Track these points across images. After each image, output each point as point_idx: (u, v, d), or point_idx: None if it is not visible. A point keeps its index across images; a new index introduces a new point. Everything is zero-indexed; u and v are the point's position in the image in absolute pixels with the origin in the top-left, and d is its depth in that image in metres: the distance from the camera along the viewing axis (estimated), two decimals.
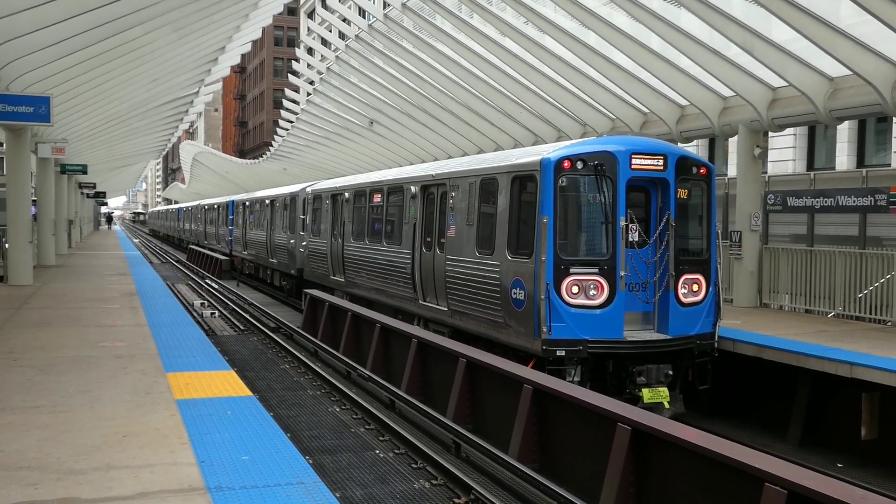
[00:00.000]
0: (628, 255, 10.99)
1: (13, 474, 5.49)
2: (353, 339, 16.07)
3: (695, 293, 11.45)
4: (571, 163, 10.99)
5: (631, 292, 11.08)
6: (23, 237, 19.08)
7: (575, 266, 10.94)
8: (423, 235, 14.95)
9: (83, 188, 44.87)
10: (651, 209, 11.43)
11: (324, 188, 22.11)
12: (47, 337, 11.36)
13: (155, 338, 11.33)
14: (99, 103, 22.37)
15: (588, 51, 17.61)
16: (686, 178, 11.49)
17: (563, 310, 10.85)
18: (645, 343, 11.05)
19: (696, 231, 11.86)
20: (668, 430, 7.34)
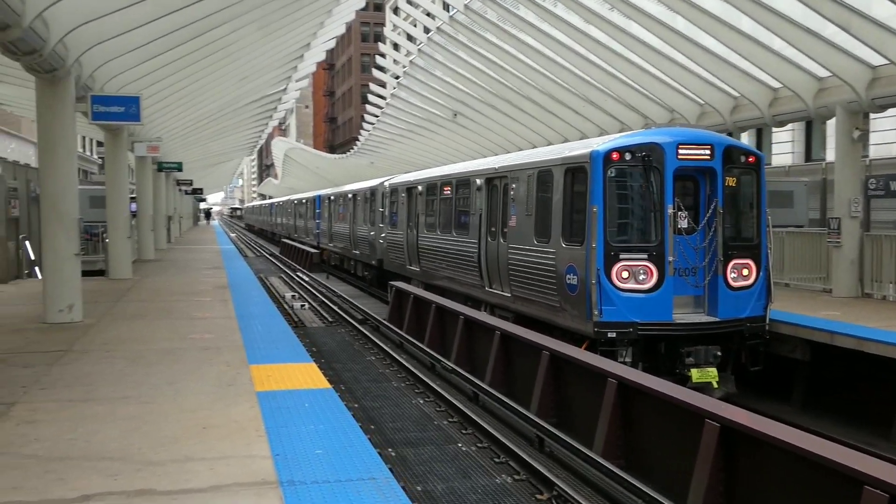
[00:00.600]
0: (677, 241, 11.51)
1: (96, 464, 5.58)
2: (438, 332, 16.02)
3: (745, 277, 11.86)
4: (620, 154, 11.54)
5: (680, 277, 11.60)
6: (122, 233, 19.72)
7: (624, 252, 11.50)
8: (487, 225, 15.63)
9: (180, 185, 46.29)
10: (700, 197, 11.88)
11: (400, 182, 22.89)
12: (140, 329, 11.67)
13: (242, 330, 11.48)
14: (190, 102, 22.93)
15: (676, 35, 17.06)
16: (734, 166, 11.89)
17: (614, 294, 11.41)
18: (694, 325, 11.45)
19: (745, 217, 12.25)
20: (759, 427, 6.96)
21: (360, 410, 11.59)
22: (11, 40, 10.20)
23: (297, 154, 73.83)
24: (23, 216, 19.61)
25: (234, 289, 17.21)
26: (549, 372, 10.88)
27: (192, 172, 48.82)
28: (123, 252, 19.87)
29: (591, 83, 21.33)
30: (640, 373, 9.50)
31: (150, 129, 24.04)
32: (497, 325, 13.10)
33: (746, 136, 28.61)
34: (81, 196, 21.57)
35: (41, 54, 11.18)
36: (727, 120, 18.04)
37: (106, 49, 13.32)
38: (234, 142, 41.69)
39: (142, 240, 26.27)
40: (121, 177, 20.13)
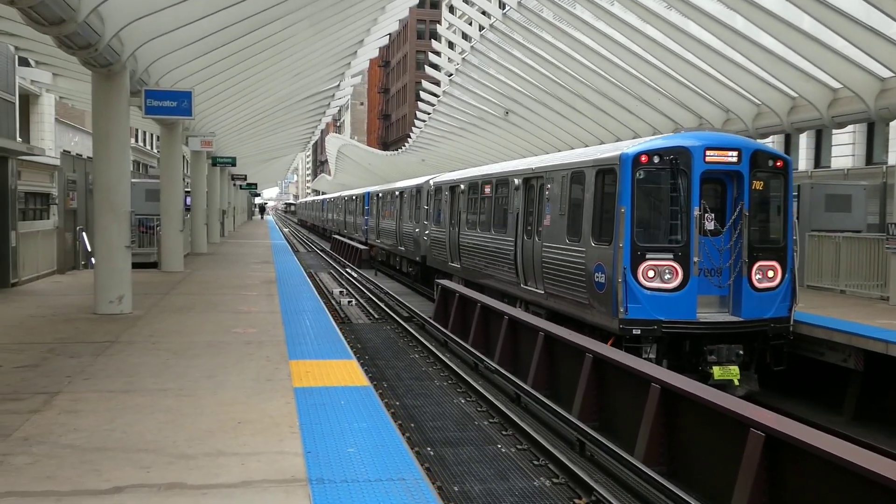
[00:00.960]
0: (703, 242, 11.85)
1: (130, 456, 5.62)
2: (482, 331, 15.94)
3: (770, 279, 12.12)
4: (648, 157, 11.88)
5: (705, 277, 11.94)
6: (175, 226, 20.06)
7: (651, 252, 11.84)
8: (524, 224, 16.10)
9: (235, 180, 46.95)
10: (727, 200, 12.17)
11: (443, 181, 23.32)
12: (186, 322, 11.80)
13: (285, 325, 11.54)
14: (244, 98, 23.20)
15: (733, 34, 16.67)
16: (761, 170, 12.12)
17: (639, 292, 11.77)
18: (716, 324, 11.77)
19: (772, 221, 12.48)
20: (806, 437, 6.72)
21: (401, 408, 11.57)
22: (67, 34, 10.40)
23: (350, 150, 74.40)
24: (81, 208, 20.05)
25: (281, 283, 17.35)
26: (593, 375, 10.73)
27: (246, 167, 49.50)
28: (176, 245, 20.21)
29: (645, 82, 20.99)
30: (685, 378, 9.28)
31: (205, 123, 24.39)
32: (541, 325, 12.97)
33: (805, 137, 27.98)
34: (136, 189, 22.13)
35: (96, 49, 11.38)
36: (784, 121, 17.59)
37: (160, 44, 13.52)
38: (289, 137, 42.12)
39: (195, 233, 26.70)
40: (175, 170, 20.47)
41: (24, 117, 36.01)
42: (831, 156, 27.98)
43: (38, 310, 12.93)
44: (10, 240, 15.98)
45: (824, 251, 16.35)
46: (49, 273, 18.47)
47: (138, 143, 56.48)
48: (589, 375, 10.73)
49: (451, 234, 21.59)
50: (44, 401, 7.13)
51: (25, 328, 11.14)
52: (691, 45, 18.00)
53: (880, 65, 14.58)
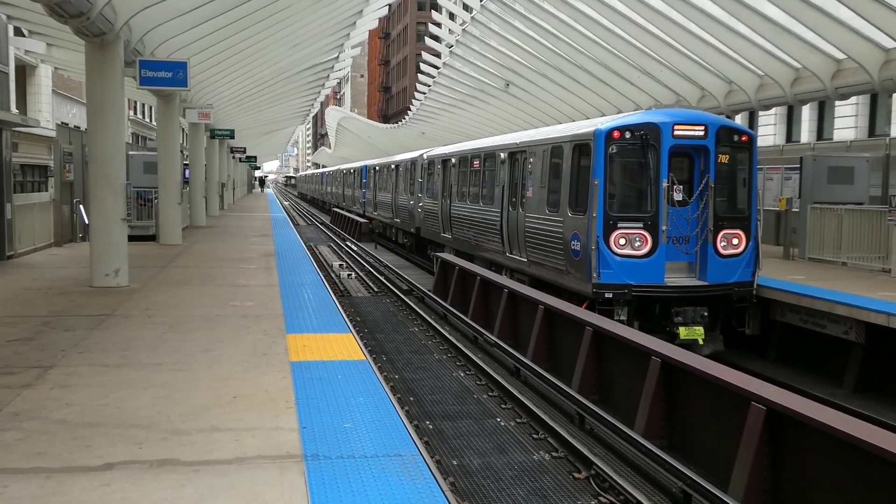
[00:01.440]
0: (672, 212, 12.62)
1: (123, 432, 5.53)
2: (482, 304, 15.85)
3: (734, 246, 12.90)
4: (620, 133, 12.61)
5: (673, 245, 12.72)
6: (173, 199, 19.90)
7: (622, 221, 12.63)
8: (509, 196, 16.84)
9: (234, 152, 46.67)
10: (694, 172, 12.88)
11: (436, 154, 24.14)
12: (183, 295, 11.70)
13: (283, 298, 11.43)
14: (243, 69, 22.93)
15: (737, 4, 16.42)
16: (726, 144, 12.83)
17: (611, 259, 12.60)
18: (683, 288, 12.63)
19: (737, 192, 13.19)
20: (806, 411, 6.62)
21: (401, 382, 11.49)
22: (58, 2, 10.18)
23: (350, 123, 73.96)
24: (77, 180, 19.86)
25: (280, 257, 17.24)
26: (592, 348, 10.64)
27: (246, 140, 49.18)
28: (174, 218, 20.06)
29: (647, 53, 20.73)
30: (685, 352, 9.18)
31: (202, 95, 24.13)
32: (541, 299, 12.88)
33: (807, 109, 27.75)
34: (134, 162, 21.98)
35: (88, 17, 11.16)
36: (787, 92, 17.38)
37: (155, 13, 13.28)
38: (288, 110, 41.79)
39: (194, 206, 26.53)
40: (172, 143, 20.27)
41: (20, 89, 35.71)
42: (833, 128, 27.75)
43: (33, 283, 12.83)
44: (5, 212, 15.83)
45: (826, 223, 16.23)
46: (46, 246, 18.35)
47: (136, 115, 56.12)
48: (588, 349, 10.65)
49: (442, 206, 22.39)
50: (37, 375, 7.03)
51: (20, 301, 11.04)
52: (694, 15, 17.73)
53: (885, 35, 14.36)
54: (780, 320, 13.15)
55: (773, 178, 20.07)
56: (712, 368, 8.21)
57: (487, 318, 15.41)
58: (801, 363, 13.11)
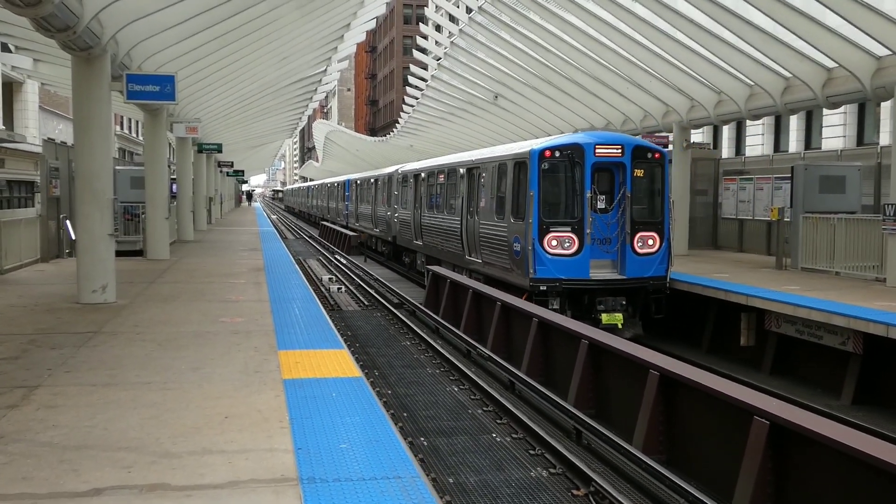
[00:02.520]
0: (596, 218, 14.77)
1: (112, 455, 5.34)
2: (475, 317, 15.70)
3: (650, 246, 14.98)
4: (551, 152, 14.78)
5: (596, 245, 14.81)
6: (160, 213, 19.68)
7: (554, 226, 14.75)
8: (467, 206, 18.96)
9: (222, 167, 46.42)
10: (615, 184, 15.01)
11: (408, 169, 26.46)
12: (172, 311, 11.49)
13: (274, 314, 11.25)
14: (230, 83, 22.77)
15: (724, 12, 16.37)
16: (641, 161, 14.98)
17: (545, 257, 14.69)
18: (604, 281, 14.77)
19: (651, 201, 15.26)
20: (810, 425, 6.49)
21: (394, 397, 11.32)
22: (44, 16, 10.01)
23: (337, 136, 73.77)
24: (64, 196, 19.62)
25: (269, 271, 17.05)
26: (588, 361, 10.51)
27: (233, 154, 48.99)
28: (161, 233, 19.84)
29: (635, 63, 20.69)
30: (685, 365, 9.06)
31: (190, 109, 23.95)
32: (535, 311, 12.74)
33: (795, 118, 27.80)
34: (122, 176, 21.74)
35: (75, 31, 10.99)
36: (777, 102, 17.35)
37: (142, 27, 13.13)
38: (275, 124, 41.61)
39: (181, 221, 26.28)
40: (159, 157, 20.07)
41: (7, 105, 35.42)
42: (822, 137, 27.82)
43: (19, 299, 12.59)
44: None
45: (819, 233, 16.18)
46: (32, 262, 18.08)
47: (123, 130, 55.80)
48: (584, 362, 10.52)
49: (414, 215, 24.60)
50: (22, 395, 6.83)
51: (5, 319, 10.81)
52: (681, 23, 17.70)
53: (877, 42, 14.33)
54: (776, 331, 13.07)
55: (763, 188, 20.04)
56: (713, 382, 8.09)
57: (480, 332, 15.26)
58: (798, 375, 13.02)
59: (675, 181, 21.27)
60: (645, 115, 22.56)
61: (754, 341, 13.72)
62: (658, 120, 21.91)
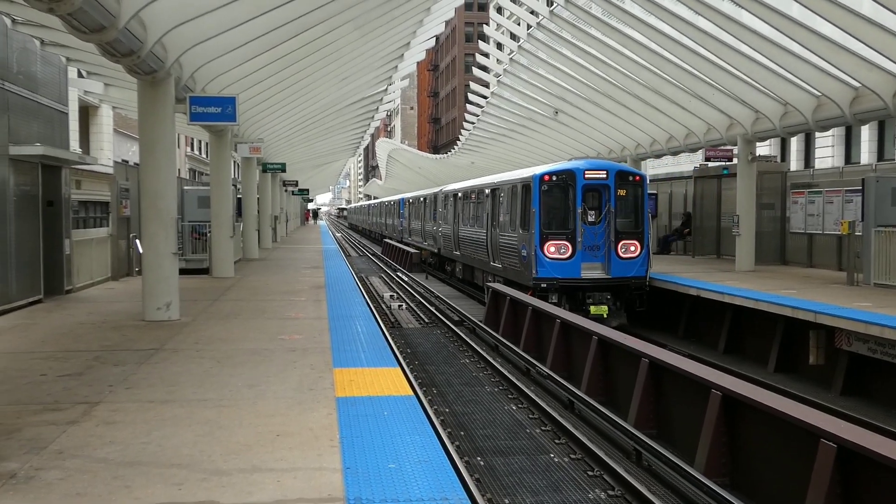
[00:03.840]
0: (587, 229, 18.16)
1: (164, 472, 5.37)
2: (534, 335, 15.55)
3: (631, 252, 18.14)
4: (550, 177, 18.44)
5: (587, 251, 18.12)
6: (225, 232, 20.02)
7: (552, 236, 18.19)
8: (491, 220, 22.59)
9: (286, 185, 47.16)
10: (602, 202, 18.37)
11: (448, 189, 30.68)
12: (232, 328, 11.63)
13: (332, 331, 11.29)
14: (292, 103, 23.09)
15: (790, 23, 15.95)
16: (624, 182, 18.43)
17: (545, 260, 18.10)
18: (593, 280, 18.08)
19: (633, 215, 18.52)
20: (883, 450, 6.16)
21: (451, 415, 11.25)
22: (109, 41, 10.29)
23: (399, 154, 74.33)
24: (134, 215, 20.13)
25: (330, 289, 17.17)
26: (649, 381, 10.27)
27: (298, 173, 49.70)
28: (226, 251, 20.17)
29: (698, 77, 20.31)
30: (748, 384, 8.76)
31: (254, 129, 24.39)
32: (595, 330, 12.53)
33: (867, 129, 26.91)
34: (189, 196, 22.25)
35: (139, 56, 11.28)
36: (846, 112, 16.80)
37: (204, 50, 13.40)
38: (338, 143, 42.11)
39: (247, 239, 26.75)
40: (224, 177, 20.45)
41: (84, 128, 36.67)
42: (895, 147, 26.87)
43: (88, 317, 12.92)
44: (64, 248, 16.07)
45: (892, 247, 15.57)
46: (103, 280, 18.58)
47: (193, 151, 57.26)
48: (645, 381, 10.28)
49: (454, 229, 28.35)
50: (83, 411, 6.95)
51: (74, 336, 11.09)
52: (746, 35, 17.31)
53: None
54: (847, 350, 12.59)
55: (833, 201, 19.38)
56: (777, 402, 7.79)
57: (540, 350, 15.09)
58: (870, 395, 12.51)
59: (741, 195, 20.88)
60: (708, 128, 22.12)
61: (824, 360, 13.24)
62: (722, 133, 21.47)
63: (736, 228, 20.71)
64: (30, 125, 15.19)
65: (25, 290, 14.37)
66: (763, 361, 14.93)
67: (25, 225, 14.52)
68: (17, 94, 14.50)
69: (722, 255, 24.36)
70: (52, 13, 8.80)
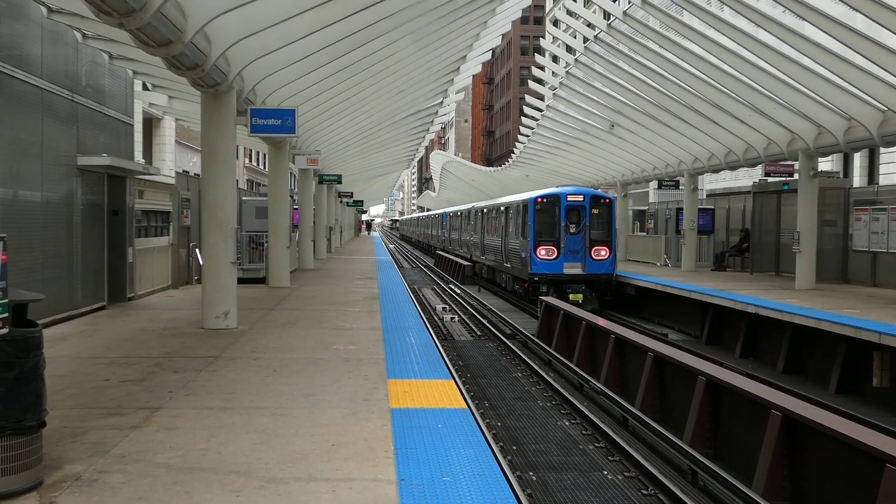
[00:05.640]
0: (569, 238, 24.48)
1: (222, 478, 5.45)
2: (588, 350, 15.42)
3: (602, 255, 24.52)
4: (542, 199, 25.08)
5: (568, 254, 24.43)
6: (282, 242, 20.32)
7: (542, 243, 24.59)
8: (504, 231, 29.27)
9: (342, 197, 47.63)
10: (580, 218, 24.60)
11: (478, 206, 38.31)
12: (288, 338, 11.77)
13: (385, 342, 11.35)
14: (349, 115, 23.36)
15: (854, 35, 15.57)
16: (596, 204, 25.01)
17: (538, 260, 24.48)
18: (572, 275, 24.25)
19: (604, 227, 24.95)
20: None
21: (503, 430, 11.22)
22: (175, 55, 10.55)
23: (453, 167, 74.50)
24: (194, 225, 20.56)
25: (383, 300, 17.27)
26: (706, 399, 10.12)
27: (353, 184, 50.20)
28: (283, 261, 20.46)
29: (759, 90, 19.96)
30: (810, 406, 8.56)
31: (311, 141, 24.71)
32: (650, 346, 12.39)
33: None
34: (247, 207, 22.61)
35: (203, 69, 11.53)
36: None
37: (266, 63, 13.66)
38: (393, 155, 42.40)
39: (302, 249, 27.08)
40: (282, 188, 20.76)
41: (147, 140, 37.63)
42: None
43: (149, 324, 13.20)
44: (127, 256, 16.47)
45: None
46: (164, 288, 18.99)
47: (252, 162, 58.24)
48: (702, 399, 10.13)
49: (480, 239, 35.76)
50: (144, 416, 7.10)
51: (136, 342, 11.34)
52: (808, 48, 16.96)
53: None
54: None
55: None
56: (839, 425, 7.59)
57: (593, 365, 14.97)
58: None
59: (802, 211, 20.47)
60: (768, 142, 21.74)
61: (888, 382, 12.85)
62: (783, 148, 21.07)
63: (796, 245, 20.34)
64: (97, 136, 15.63)
65: (90, 297, 14.76)
66: (824, 382, 14.57)
67: (91, 233, 14.93)
68: (85, 106, 14.94)
69: (781, 272, 24.17)
70: (122, 28, 9.05)
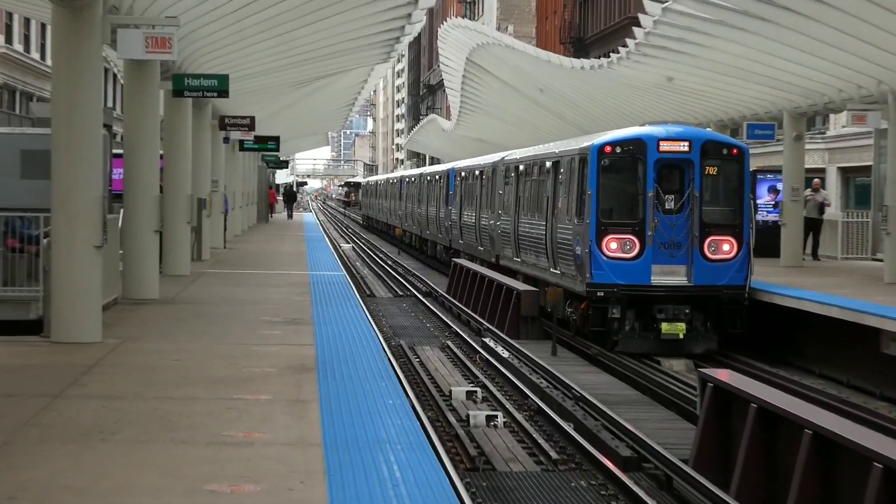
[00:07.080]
0: (661, 219, 28.95)
1: None
2: None
3: (724, 252, 28.70)
4: (612, 147, 30.52)
5: (661, 248, 28.74)
6: (83, 235, 20.27)
7: (613, 228, 29.91)
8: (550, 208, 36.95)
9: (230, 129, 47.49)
10: (684, 183, 29.05)
11: (509, 159, 50.05)
12: (91, 474, 11.67)
13: (330, 487, 11.20)
14: None
15: None
16: (714, 157, 29.41)
17: (602, 261, 29.86)
18: (668, 287, 28.90)
19: (727, 202, 29.85)
20: None
21: None
22: None
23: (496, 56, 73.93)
24: None
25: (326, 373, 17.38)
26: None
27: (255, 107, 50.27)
28: (86, 280, 20.44)
29: None
30: None
31: None
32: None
33: None
34: None
35: None
36: None
37: None
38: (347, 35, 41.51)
39: (133, 252, 27.04)
40: (86, 106, 20.50)
41: None
42: None
43: None
44: None
45: None
46: None
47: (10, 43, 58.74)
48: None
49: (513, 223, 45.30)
50: None
51: None
52: None
53: None
54: None
55: None
56: None
57: None
58: None
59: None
60: None
61: None
62: None
63: None
64: None
65: None
66: None
67: None
68: None
69: None
70: None
